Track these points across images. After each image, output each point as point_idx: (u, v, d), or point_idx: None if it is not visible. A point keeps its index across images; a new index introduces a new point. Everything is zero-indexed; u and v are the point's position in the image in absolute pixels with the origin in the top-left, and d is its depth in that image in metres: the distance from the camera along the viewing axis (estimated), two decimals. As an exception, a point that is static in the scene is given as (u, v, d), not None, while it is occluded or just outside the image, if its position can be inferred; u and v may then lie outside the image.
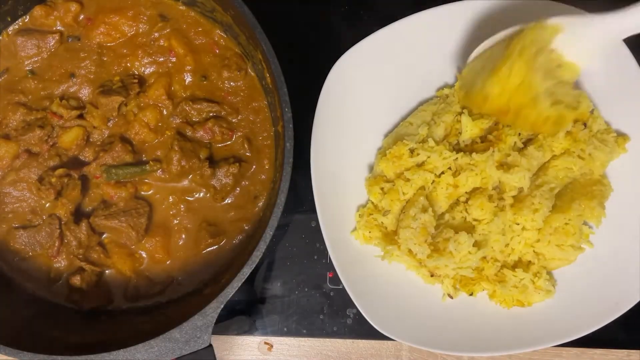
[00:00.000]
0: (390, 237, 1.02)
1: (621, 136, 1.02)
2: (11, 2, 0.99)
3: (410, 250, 0.99)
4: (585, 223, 1.01)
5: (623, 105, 1.02)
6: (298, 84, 1.03)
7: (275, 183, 0.94)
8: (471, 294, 1.02)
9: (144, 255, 1.00)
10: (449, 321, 1.02)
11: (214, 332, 0.83)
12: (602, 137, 1.01)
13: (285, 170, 0.85)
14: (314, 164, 1.00)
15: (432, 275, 1.01)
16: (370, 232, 1.02)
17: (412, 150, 1.02)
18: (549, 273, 1.02)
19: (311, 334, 1.12)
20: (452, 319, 1.02)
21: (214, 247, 1.00)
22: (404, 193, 1.00)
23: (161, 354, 0.82)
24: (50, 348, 0.83)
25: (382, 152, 1.05)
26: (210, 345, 0.83)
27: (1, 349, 0.80)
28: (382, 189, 1.02)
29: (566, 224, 0.98)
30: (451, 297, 1.02)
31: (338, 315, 1.11)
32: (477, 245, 0.98)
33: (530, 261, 1.01)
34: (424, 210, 0.98)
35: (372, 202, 1.04)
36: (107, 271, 0.99)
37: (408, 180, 1.01)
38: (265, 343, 1.12)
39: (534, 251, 1.00)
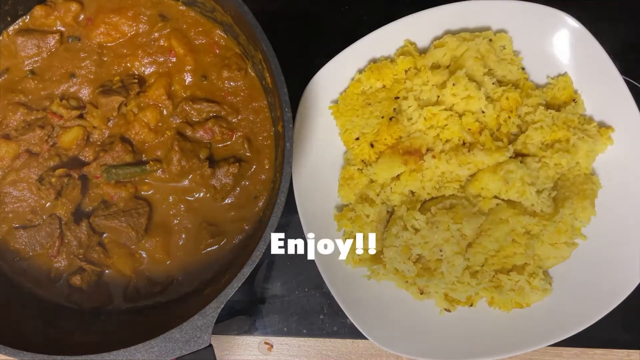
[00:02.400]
0: (377, 257, 1.03)
1: (604, 127, 1.03)
2: (11, 1, 0.99)
3: (396, 269, 0.99)
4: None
5: (603, 99, 1.04)
6: (299, 84, 1.04)
7: (275, 183, 0.94)
8: (471, 305, 1.02)
9: (144, 255, 1.00)
10: (449, 330, 1.02)
11: (214, 332, 0.83)
12: (584, 127, 1.03)
13: (285, 170, 0.85)
14: (297, 186, 1.02)
15: (421, 293, 1.02)
16: (358, 254, 1.02)
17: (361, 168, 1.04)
18: (545, 272, 1.02)
19: (311, 334, 1.12)
20: (453, 327, 1.03)
21: (214, 247, 1.00)
22: (367, 216, 1.01)
23: (161, 354, 0.82)
24: (51, 348, 0.82)
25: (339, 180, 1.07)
26: (210, 345, 0.83)
27: (1, 349, 0.80)
28: (349, 219, 1.03)
29: (559, 222, 0.98)
30: (449, 311, 1.02)
31: (338, 315, 1.11)
32: (472, 274, 0.99)
33: (525, 263, 1.01)
34: (405, 228, 0.99)
35: None
36: (106, 271, 0.99)
37: (369, 198, 1.02)
38: (265, 343, 1.12)
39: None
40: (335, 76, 1.06)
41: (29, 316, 0.94)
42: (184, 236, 1.00)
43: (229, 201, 1.01)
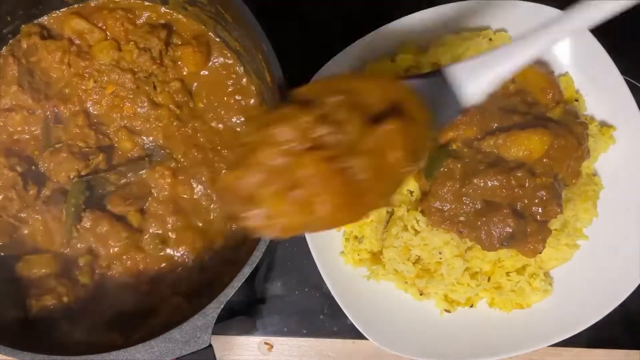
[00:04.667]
0: (377, 258, 1.03)
1: (606, 127, 1.03)
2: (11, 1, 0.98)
3: (396, 270, 0.99)
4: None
5: (603, 99, 1.04)
6: (299, 84, 1.04)
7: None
8: (471, 306, 1.02)
9: None
10: (450, 330, 1.02)
11: (214, 332, 0.83)
12: None
13: (285, 170, 0.85)
14: None
15: (421, 294, 1.01)
16: (358, 254, 1.02)
17: None
18: (545, 272, 1.02)
19: (311, 334, 1.12)
20: (453, 327, 1.02)
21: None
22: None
23: (161, 354, 0.82)
24: (51, 348, 0.82)
25: None
26: (210, 346, 0.83)
27: (1, 349, 0.80)
28: None
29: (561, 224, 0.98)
30: (449, 312, 1.02)
31: (338, 315, 1.11)
32: (472, 276, 0.99)
33: (526, 264, 1.01)
34: (405, 228, 0.98)
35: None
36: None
37: None
38: (266, 343, 1.12)
39: None
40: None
41: (29, 316, 0.94)
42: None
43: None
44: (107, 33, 1.00)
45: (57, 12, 1.01)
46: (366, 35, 1.04)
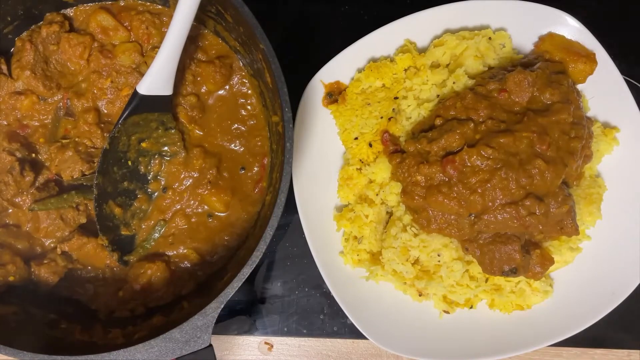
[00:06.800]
0: (376, 258, 1.03)
1: (608, 128, 1.03)
2: (11, 1, 0.98)
3: (395, 270, 0.99)
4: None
5: (603, 100, 1.04)
6: (299, 83, 1.04)
7: (275, 183, 0.94)
8: (471, 307, 1.02)
9: None
10: (450, 330, 1.02)
11: (214, 332, 0.83)
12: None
13: (285, 170, 0.85)
14: (297, 186, 1.02)
15: (420, 295, 1.01)
16: (358, 255, 1.02)
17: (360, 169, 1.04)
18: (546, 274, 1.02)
19: (311, 334, 1.12)
20: (453, 327, 1.03)
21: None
22: (366, 216, 1.01)
23: (161, 354, 0.82)
24: (51, 348, 0.83)
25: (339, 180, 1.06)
26: (210, 345, 0.83)
27: (1, 349, 0.80)
28: (349, 219, 1.03)
29: None
30: (448, 313, 1.02)
31: (338, 315, 1.11)
32: (471, 277, 0.99)
33: None
34: (404, 229, 0.98)
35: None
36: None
37: (369, 198, 1.02)
38: (266, 343, 1.12)
39: None
40: (335, 76, 1.06)
41: (29, 316, 0.94)
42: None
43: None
44: (132, 34, 1.00)
45: (86, 5, 1.01)
46: (366, 35, 1.04)
